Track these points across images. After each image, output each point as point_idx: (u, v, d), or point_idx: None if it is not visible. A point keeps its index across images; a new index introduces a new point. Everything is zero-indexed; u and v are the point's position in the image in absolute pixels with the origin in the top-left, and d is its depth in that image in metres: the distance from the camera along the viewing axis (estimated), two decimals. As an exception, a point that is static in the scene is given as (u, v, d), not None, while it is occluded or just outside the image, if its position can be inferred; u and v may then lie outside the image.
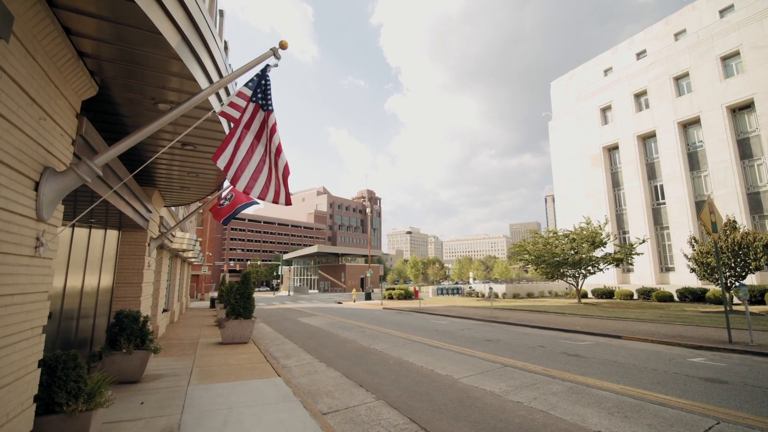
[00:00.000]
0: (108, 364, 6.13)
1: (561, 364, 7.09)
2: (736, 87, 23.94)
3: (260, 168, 3.88)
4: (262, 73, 3.87)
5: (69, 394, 3.40)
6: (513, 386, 5.71)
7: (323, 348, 9.71)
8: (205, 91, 3.50)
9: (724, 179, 24.25)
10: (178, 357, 8.58)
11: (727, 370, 6.50)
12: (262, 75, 3.86)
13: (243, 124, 3.65)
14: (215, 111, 3.54)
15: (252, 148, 3.82)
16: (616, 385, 5.62)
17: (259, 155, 3.71)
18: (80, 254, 6.49)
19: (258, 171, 3.88)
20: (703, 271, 16.96)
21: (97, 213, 6.18)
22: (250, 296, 10.87)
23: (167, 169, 6.61)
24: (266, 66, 3.95)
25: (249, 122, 3.69)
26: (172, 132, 4.97)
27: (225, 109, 3.51)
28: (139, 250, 7.58)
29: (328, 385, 6.24)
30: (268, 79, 3.99)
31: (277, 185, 3.98)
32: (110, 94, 3.95)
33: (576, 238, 23.75)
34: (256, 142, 3.87)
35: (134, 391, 5.82)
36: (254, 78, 3.83)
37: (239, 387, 6.06)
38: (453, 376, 6.41)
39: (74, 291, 6.41)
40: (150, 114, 4.29)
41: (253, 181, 3.67)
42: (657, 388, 5.40)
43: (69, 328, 6.30)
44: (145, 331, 6.59)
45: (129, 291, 7.40)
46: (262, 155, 3.77)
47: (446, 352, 8.64)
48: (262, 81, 3.86)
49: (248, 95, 3.70)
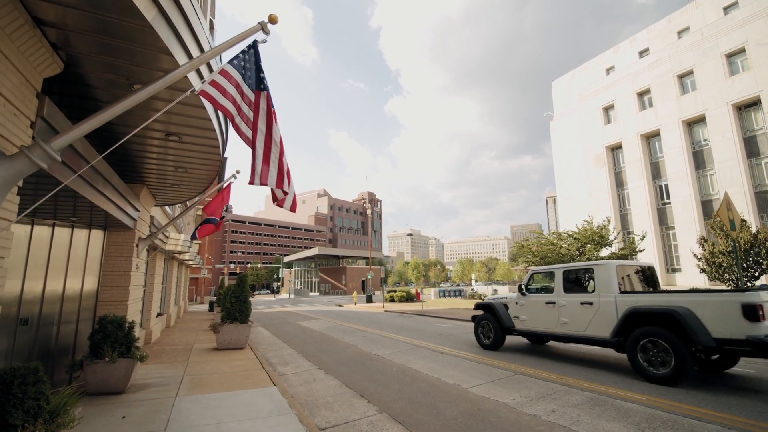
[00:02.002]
0: (89, 374, 5.68)
1: (576, 371, 6.61)
2: (741, 84, 23.54)
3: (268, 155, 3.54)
4: (248, 49, 3.44)
5: (27, 414, 2.96)
6: (527, 397, 5.25)
7: (323, 354, 9.25)
8: (183, 68, 3.07)
9: (731, 178, 23.79)
10: (170, 364, 8.12)
11: (757, 378, 6.03)
12: (249, 51, 3.44)
13: (237, 109, 3.27)
14: (195, 90, 3.11)
15: (254, 133, 3.46)
16: (642, 395, 5.16)
17: (261, 138, 3.35)
18: (61, 255, 6.06)
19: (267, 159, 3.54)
20: (714, 272, 16.49)
21: (80, 211, 5.75)
22: (246, 299, 10.42)
23: (154, 164, 6.19)
24: (254, 42, 3.53)
25: (240, 106, 3.30)
26: (156, 120, 4.55)
27: (206, 88, 3.09)
28: (127, 251, 7.15)
29: (326, 396, 5.78)
30: (258, 56, 3.58)
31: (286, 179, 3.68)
32: (80, 74, 3.53)
33: (580, 238, 23.29)
34: (256, 125, 3.49)
35: (117, 403, 5.36)
36: (239, 55, 3.41)
37: (231, 398, 5.61)
38: (461, 385, 5.95)
39: (54, 295, 5.98)
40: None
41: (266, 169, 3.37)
42: (690, 400, 4.93)
43: (48, 335, 5.87)
44: (130, 338, 6.14)
45: (115, 294, 6.96)
46: (265, 137, 3.41)
47: (452, 358, 8.17)
48: (249, 58, 3.44)
49: (234, 75, 3.27)
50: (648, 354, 5.91)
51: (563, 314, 7.42)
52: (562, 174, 38.24)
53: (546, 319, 7.79)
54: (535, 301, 8.13)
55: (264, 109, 3.58)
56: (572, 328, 7.23)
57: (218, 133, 4.96)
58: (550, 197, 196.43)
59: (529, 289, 8.48)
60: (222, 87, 3.19)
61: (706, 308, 5.53)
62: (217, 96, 3.17)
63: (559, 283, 7.70)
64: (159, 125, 4.64)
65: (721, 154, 24.35)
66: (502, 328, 8.70)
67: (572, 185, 36.47)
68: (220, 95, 3.15)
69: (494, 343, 8.92)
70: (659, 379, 5.71)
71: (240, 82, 3.29)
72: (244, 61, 3.40)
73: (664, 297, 6.07)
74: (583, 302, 7.09)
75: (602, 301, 6.79)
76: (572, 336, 7.27)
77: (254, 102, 3.51)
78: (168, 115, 4.37)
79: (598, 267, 7.14)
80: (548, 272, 8.22)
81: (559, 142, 39.08)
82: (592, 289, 7.11)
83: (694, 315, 5.56)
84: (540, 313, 7.95)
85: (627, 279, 7.18)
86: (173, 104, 3.16)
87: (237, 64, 3.32)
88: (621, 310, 6.43)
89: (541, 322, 7.92)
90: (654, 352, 5.84)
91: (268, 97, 3.64)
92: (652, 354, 5.85)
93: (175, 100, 3.18)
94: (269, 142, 3.53)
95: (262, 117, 3.54)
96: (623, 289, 6.84)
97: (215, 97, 3.13)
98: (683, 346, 5.49)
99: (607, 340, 6.53)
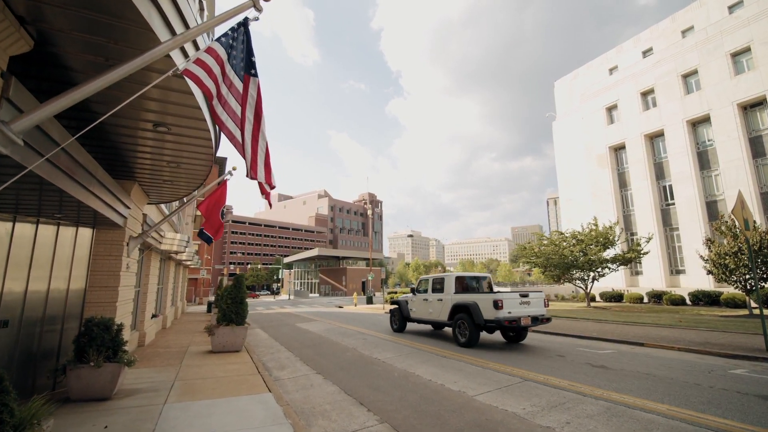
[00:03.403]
0: (73, 379, 5.36)
1: (588, 378, 6.28)
2: (747, 83, 23.23)
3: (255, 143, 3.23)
4: (238, 27, 3.14)
5: (-13, 429, 2.65)
6: (539, 406, 4.92)
7: (321, 357, 8.93)
8: (165, 45, 2.77)
9: (736, 178, 23.46)
10: (162, 368, 7.81)
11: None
12: (239, 29, 3.14)
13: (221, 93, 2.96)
14: (178, 69, 2.80)
15: (242, 119, 3.15)
16: (661, 405, 4.82)
17: (249, 128, 3.05)
18: (46, 254, 5.75)
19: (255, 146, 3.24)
20: (722, 273, 16.15)
21: (66, 207, 5.44)
22: (242, 301, 10.10)
23: (144, 158, 5.88)
24: (245, 19, 3.23)
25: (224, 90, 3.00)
26: (143, 109, 4.25)
27: (190, 67, 2.78)
28: (116, 250, 6.83)
29: (324, 403, 5.46)
30: (249, 36, 3.27)
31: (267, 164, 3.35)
32: (55, 54, 3.23)
33: (584, 239, 22.94)
34: (244, 113, 3.19)
35: (101, 411, 5.05)
36: (228, 32, 3.10)
37: (223, 405, 5.29)
38: (467, 393, 5.62)
39: (38, 296, 5.66)
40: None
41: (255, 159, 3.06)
42: (711, 410, 4.60)
43: (30, 337, 5.55)
44: (118, 341, 5.82)
45: (104, 295, 6.64)
46: (253, 128, 3.10)
47: (456, 362, 7.84)
48: (239, 37, 3.14)
49: (221, 54, 2.96)
50: (460, 329, 9.90)
51: (430, 307, 11.41)
52: (564, 175, 37.91)
53: (423, 310, 11.76)
54: (419, 298, 12.03)
55: (253, 96, 3.27)
56: (434, 316, 11.18)
57: (210, 124, 4.66)
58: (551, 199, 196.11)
59: (418, 290, 12.25)
60: (208, 66, 2.89)
61: (483, 303, 9.38)
62: (203, 76, 2.87)
63: (431, 287, 11.64)
64: (146, 114, 4.34)
65: (727, 154, 24.04)
66: (403, 317, 12.84)
67: (575, 186, 36.13)
68: (205, 75, 2.85)
69: (400, 328, 13.08)
70: (463, 344, 9.68)
71: (225, 62, 2.98)
72: (232, 39, 3.10)
73: (470, 296, 9.94)
74: (439, 299, 11.04)
75: (446, 299, 10.71)
76: (434, 321, 11.32)
77: (243, 87, 3.20)
78: (155, 103, 4.07)
79: (447, 277, 11.18)
80: (426, 280, 12.15)
81: (561, 142, 38.76)
82: (444, 291, 10.98)
83: (477, 306, 9.47)
84: (421, 306, 11.92)
85: (465, 285, 11.30)
86: (151, 86, 2.85)
87: (225, 42, 3.02)
88: (452, 303, 10.37)
89: (421, 312, 11.89)
90: (462, 328, 9.83)
91: (258, 85, 3.33)
92: (461, 329, 9.85)
93: (154, 81, 2.87)
94: (257, 133, 3.22)
95: (250, 105, 3.23)
96: (456, 291, 10.81)
97: (200, 77, 2.83)
98: (473, 324, 9.50)
99: (446, 322, 10.62)
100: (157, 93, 3.83)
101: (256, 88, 3.31)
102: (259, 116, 3.26)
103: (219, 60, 2.95)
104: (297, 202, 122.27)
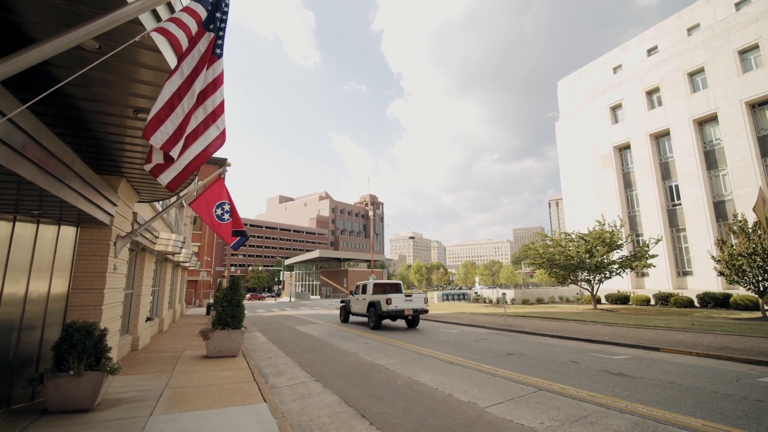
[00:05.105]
0: (50, 389, 4.95)
1: (608, 387, 5.83)
2: (755, 81, 22.75)
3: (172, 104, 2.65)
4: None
5: None
6: (558, 420, 4.48)
7: (320, 363, 8.50)
8: (134, 5, 2.37)
9: (745, 178, 22.95)
10: (153, 374, 7.39)
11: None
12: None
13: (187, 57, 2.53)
14: (148, 31, 2.40)
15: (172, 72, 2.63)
16: (694, 419, 4.37)
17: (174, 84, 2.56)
18: (24, 253, 5.35)
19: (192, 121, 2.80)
20: (734, 274, 15.66)
21: (46, 204, 5.04)
22: (239, 304, 9.70)
23: (128, 150, 5.47)
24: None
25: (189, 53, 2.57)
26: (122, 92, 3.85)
27: (165, 25, 2.36)
28: (102, 249, 6.43)
29: (322, 414, 5.04)
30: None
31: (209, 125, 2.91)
32: (17, 23, 2.83)
33: (590, 240, 22.45)
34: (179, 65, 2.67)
35: (79, 424, 4.63)
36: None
37: (212, 418, 4.86)
38: (477, 404, 5.18)
39: (15, 298, 5.25)
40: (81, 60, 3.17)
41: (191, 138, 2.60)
42: (751, 426, 4.15)
43: (7, 343, 5.14)
44: (101, 348, 5.41)
45: (88, 298, 6.23)
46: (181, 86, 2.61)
47: (463, 369, 7.40)
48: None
49: (200, 13, 2.55)
50: (371, 318, 14.73)
51: (360, 304, 16.06)
52: (567, 175, 37.43)
53: (357, 307, 16.37)
54: (355, 298, 16.77)
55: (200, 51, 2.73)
56: (361, 310, 15.79)
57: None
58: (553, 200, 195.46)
59: (355, 293, 16.89)
60: (188, 28, 2.47)
61: (382, 300, 14.10)
62: (183, 40, 2.45)
63: (361, 290, 16.43)
64: (126, 98, 3.94)
65: (734, 153, 23.54)
66: (347, 312, 17.74)
67: (579, 186, 35.63)
68: (185, 38, 2.43)
69: (345, 319, 17.92)
70: (372, 328, 14.46)
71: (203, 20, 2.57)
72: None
73: (377, 297, 14.67)
74: (363, 298, 15.78)
75: (367, 298, 15.37)
76: (360, 313, 16.02)
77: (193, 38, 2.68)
78: (133, 83, 3.67)
79: (368, 283, 16.03)
80: (359, 286, 16.79)
81: (564, 142, 38.29)
82: (366, 293, 15.84)
83: (379, 303, 14.20)
84: (356, 304, 16.55)
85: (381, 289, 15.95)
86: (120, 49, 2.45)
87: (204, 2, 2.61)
88: (368, 301, 15.15)
89: (356, 308, 16.54)
90: (372, 317, 14.61)
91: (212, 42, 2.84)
92: (371, 318, 14.71)
93: (123, 45, 2.46)
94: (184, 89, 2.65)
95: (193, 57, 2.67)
96: (374, 293, 15.51)
97: (179, 38, 2.41)
98: (376, 313, 14.23)
99: (365, 314, 15.34)
100: (131, 71, 3.43)
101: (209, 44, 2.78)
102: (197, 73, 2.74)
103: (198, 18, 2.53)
104: (298, 203, 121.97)
